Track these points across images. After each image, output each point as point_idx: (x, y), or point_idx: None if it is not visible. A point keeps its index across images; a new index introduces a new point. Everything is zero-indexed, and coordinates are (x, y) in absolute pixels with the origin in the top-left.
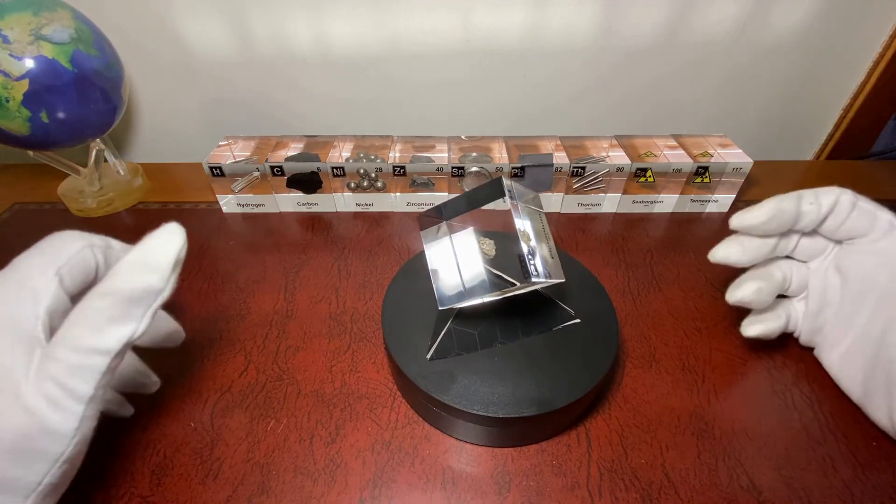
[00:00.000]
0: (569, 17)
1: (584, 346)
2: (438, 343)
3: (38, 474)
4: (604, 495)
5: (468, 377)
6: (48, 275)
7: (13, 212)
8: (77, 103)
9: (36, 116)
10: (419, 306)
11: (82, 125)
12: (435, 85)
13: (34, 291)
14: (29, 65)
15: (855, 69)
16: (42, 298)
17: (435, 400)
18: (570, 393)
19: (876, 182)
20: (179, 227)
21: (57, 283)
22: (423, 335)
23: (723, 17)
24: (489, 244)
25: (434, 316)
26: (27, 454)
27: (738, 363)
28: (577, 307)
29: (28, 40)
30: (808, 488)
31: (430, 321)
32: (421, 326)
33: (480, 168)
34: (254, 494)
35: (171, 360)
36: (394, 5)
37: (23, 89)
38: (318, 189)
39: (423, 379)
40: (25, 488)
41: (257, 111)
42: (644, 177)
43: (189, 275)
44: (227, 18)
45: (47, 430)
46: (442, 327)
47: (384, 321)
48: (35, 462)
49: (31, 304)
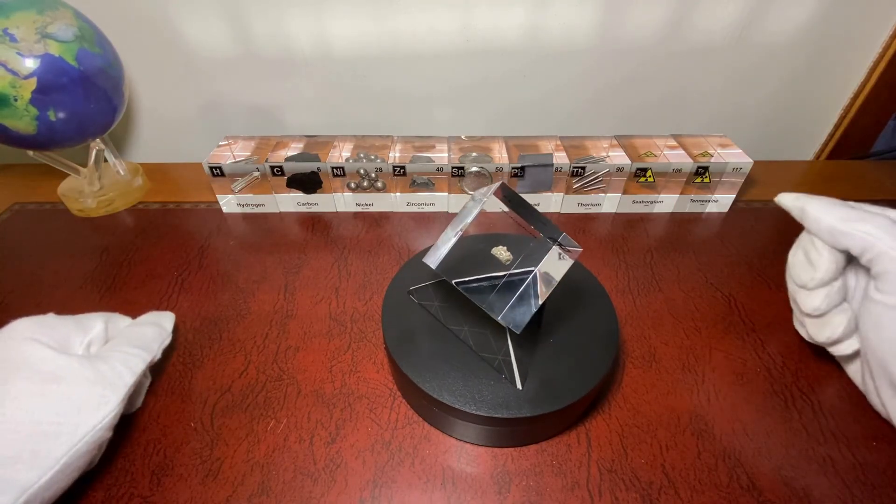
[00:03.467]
0: (569, 17)
1: (584, 346)
2: (421, 287)
3: (85, 428)
4: (604, 495)
5: (468, 377)
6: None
7: (13, 212)
8: (83, 101)
9: (43, 115)
10: (419, 306)
11: (87, 123)
12: (435, 85)
13: (85, 327)
14: (36, 63)
15: (855, 69)
16: (90, 333)
17: (435, 400)
18: (570, 393)
19: (876, 182)
20: (171, 313)
21: (103, 325)
22: (424, 335)
23: (723, 17)
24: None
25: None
26: (84, 409)
27: (738, 363)
28: (577, 307)
29: (34, 38)
30: (808, 488)
31: (430, 321)
32: (421, 326)
33: (480, 168)
34: (254, 494)
35: (171, 360)
36: (394, 5)
37: (31, 88)
38: (318, 189)
39: (423, 379)
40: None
41: (257, 111)
42: (644, 177)
43: (189, 275)
44: (227, 18)
45: (104, 394)
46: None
47: (384, 321)
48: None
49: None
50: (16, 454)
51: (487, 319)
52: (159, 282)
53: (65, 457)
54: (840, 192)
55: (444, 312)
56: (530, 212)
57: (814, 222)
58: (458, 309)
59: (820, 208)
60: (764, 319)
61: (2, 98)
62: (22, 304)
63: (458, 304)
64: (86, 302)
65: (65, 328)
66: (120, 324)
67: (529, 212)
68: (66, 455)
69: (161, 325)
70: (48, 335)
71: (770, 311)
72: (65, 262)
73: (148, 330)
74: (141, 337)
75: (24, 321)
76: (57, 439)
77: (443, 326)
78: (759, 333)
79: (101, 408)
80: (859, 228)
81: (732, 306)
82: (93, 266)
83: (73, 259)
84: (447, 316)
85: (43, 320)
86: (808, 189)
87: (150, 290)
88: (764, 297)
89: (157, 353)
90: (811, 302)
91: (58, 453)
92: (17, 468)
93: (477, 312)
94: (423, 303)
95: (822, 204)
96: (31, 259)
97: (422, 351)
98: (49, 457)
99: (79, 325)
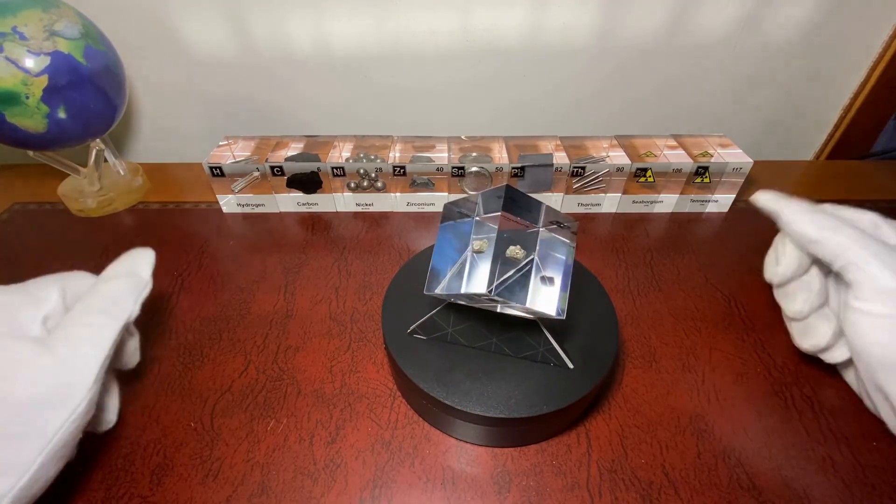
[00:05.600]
0: (569, 17)
1: (584, 346)
2: (423, 323)
3: (55, 424)
4: (604, 495)
5: (468, 377)
6: (53, 286)
7: (13, 212)
8: (91, 99)
9: (54, 113)
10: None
11: (93, 122)
12: (435, 85)
13: (37, 299)
14: (47, 60)
15: (855, 69)
16: (44, 305)
17: (435, 400)
18: (570, 393)
19: (876, 182)
20: (149, 249)
21: (58, 293)
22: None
23: (723, 17)
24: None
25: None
26: (48, 404)
27: (738, 363)
28: (577, 307)
29: (43, 36)
30: (808, 488)
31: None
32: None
33: (480, 168)
34: (254, 494)
35: (171, 360)
36: (393, 5)
37: (42, 85)
38: (318, 189)
39: (423, 379)
40: (43, 438)
41: (257, 111)
42: (644, 177)
43: (189, 275)
44: (228, 18)
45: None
46: (433, 309)
47: (384, 321)
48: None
49: (34, 308)
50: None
51: (514, 323)
52: (159, 282)
53: (39, 457)
54: (840, 192)
55: (464, 334)
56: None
57: (788, 224)
58: (479, 324)
59: (796, 212)
60: (764, 319)
61: (13, 96)
62: None
63: (476, 321)
64: None
65: (11, 306)
66: (81, 283)
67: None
68: (40, 456)
69: (135, 274)
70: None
71: (770, 311)
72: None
73: (117, 286)
74: (108, 296)
75: None
76: (25, 443)
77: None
78: (759, 333)
79: (68, 401)
80: (831, 237)
81: (732, 306)
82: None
83: (73, 259)
84: (468, 337)
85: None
86: (808, 189)
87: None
88: (764, 297)
89: (133, 309)
90: (792, 305)
91: (29, 457)
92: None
93: (500, 320)
94: (433, 336)
95: (798, 208)
96: (31, 259)
97: (422, 351)
98: (20, 463)
99: (28, 297)
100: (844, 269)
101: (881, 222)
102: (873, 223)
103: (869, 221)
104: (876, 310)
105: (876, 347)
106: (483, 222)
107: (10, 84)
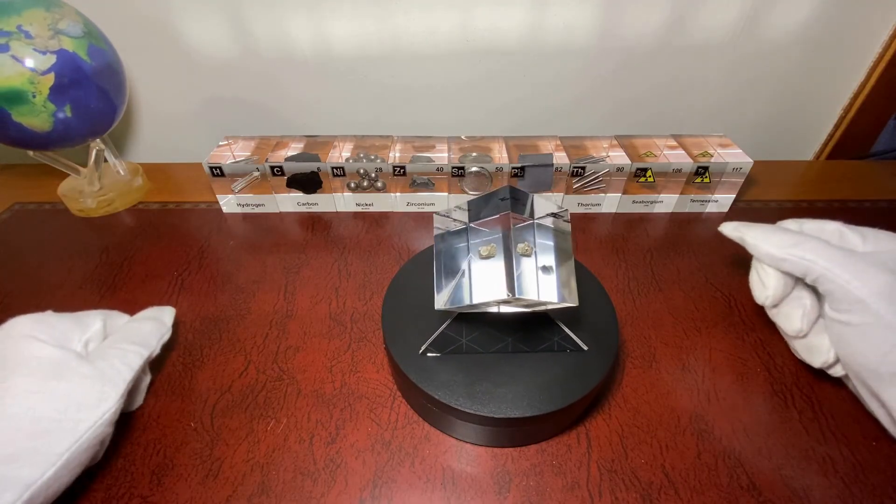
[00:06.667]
0: (569, 17)
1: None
2: (434, 339)
3: (86, 424)
4: (604, 495)
5: (468, 377)
6: (98, 317)
7: (13, 212)
8: (96, 97)
9: (60, 111)
10: (419, 306)
11: (96, 120)
12: (435, 85)
13: (85, 325)
14: (53, 59)
15: (855, 69)
16: (89, 330)
17: (435, 400)
18: (570, 393)
19: (876, 182)
20: (171, 307)
21: (101, 323)
22: (423, 335)
23: (723, 17)
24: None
25: (434, 314)
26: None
27: (738, 363)
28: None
29: (48, 35)
30: (808, 488)
31: (430, 321)
32: (421, 326)
33: (480, 168)
34: (254, 494)
35: (172, 360)
36: (394, 5)
37: (49, 84)
38: (318, 189)
39: (424, 379)
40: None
41: (257, 111)
42: (644, 177)
43: (189, 275)
44: (228, 18)
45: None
46: (440, 325)
47: (384, 321)
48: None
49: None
50: (17, 452)
51: (525, 320)
52: (159, 282)
53: (67, 453)
54: (840, 192)
55: (479, 342)
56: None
57: (753, 249)
58: (493, 329)
59: (757, 237)
60: (764, 319)
61: (20, 94)
62: (22, 304)
63: (488, 326)
64: (86, 302)
65: (63, 326)
66: (118, 321)
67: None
68: (67, 451)
69: (160, 320)
70: (47, 332)
71: None
72: (65, 262)
73: (146, 325)
74: (139, 333)
75: (23, 319)
76: (58, 436)
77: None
78: (759, 333)
79: (100, 404)
80: (795, 254)
81: (732, 306)
82: (93, 266)
83: (73, 259)
84: (483, 343)
85: (42, 318)
86: (808, 189)
87: (150, 290)
88: None
89: (155, 348)
90: (791, 325)
91: (59, 450)
92: (20, 465)
93: (509, 320)
94: (447, 353)
95: (759, 232)
96: (31, 259)
97: (439, 369)
98: (51, 453)
99: (77, 322)
100: (816, 282)
101: (845, 230)
102: (838, 232)
103: (833, 231)
104: (855, 320)
105: (859, 357)
106: (478, 228)
107: (18, 83)
